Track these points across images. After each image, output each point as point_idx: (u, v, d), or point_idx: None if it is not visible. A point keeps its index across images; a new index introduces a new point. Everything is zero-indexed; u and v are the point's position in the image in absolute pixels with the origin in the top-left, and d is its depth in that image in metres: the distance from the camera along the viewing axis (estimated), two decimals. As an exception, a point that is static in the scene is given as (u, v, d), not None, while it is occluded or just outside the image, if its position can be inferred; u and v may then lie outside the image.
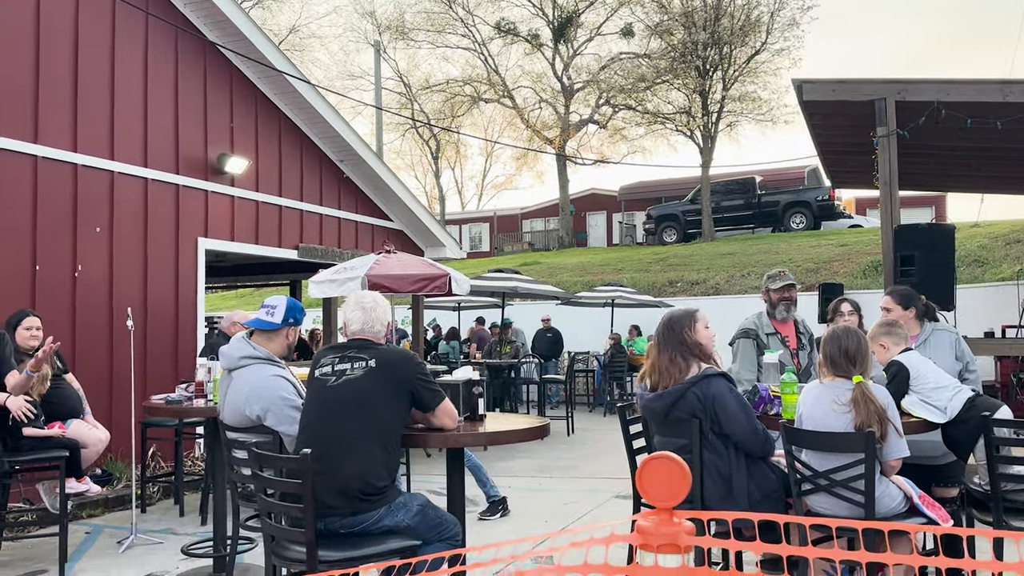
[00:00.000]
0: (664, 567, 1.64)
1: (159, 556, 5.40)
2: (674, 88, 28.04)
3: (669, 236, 25.79)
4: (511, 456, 9.53)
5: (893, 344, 3.99)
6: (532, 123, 31.98)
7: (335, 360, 3.19)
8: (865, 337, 3.38)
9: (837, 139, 8.61)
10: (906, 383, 3.76)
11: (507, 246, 34.92)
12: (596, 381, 15.08)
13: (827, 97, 7.26)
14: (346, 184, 10.91)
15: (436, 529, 3.13)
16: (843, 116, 7.59)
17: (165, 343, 8.10)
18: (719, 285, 17.31)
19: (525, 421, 3.79)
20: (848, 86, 7.12)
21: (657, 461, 1.73)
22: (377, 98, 21.05)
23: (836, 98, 7.24)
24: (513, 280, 12.42)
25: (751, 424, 3.34)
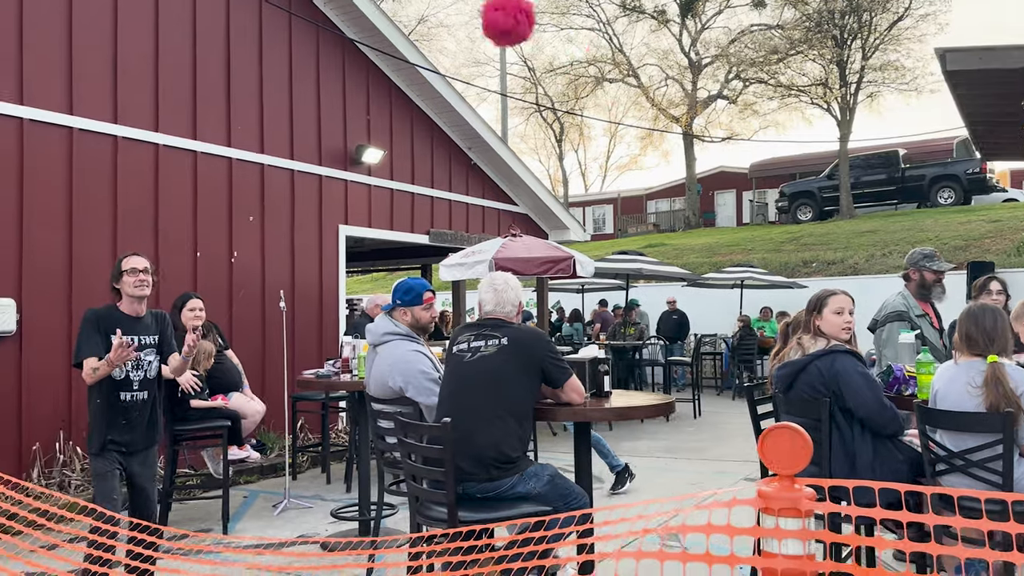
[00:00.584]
0: (785, 528, 1.73)
1: (310, 519, 5.87)
2: (809, 59, 26.85)
3: (804, 214, 24.85)
4: (636, 436, 9.61)
5: None
6: (658, 101, 31.48)
7: (470, 337, 3.42)
8: (1004, 315, 3.27)
9: (985, 109, 8.10)
10: None
11: (631, 228, 34.64)
12: (724, 364, 14.84)
13: (973, 66, 6.86)
14: (473, 170, 11.24)
15: (565, 498, 3.29)
16: (991, 85, 7.15)
17: (310, 323, 8.69)
18: (858, 265, 16.58)
19: (651, 398, 3.89)
20: (996, 53, 6.70)
21: (779, 430, 1.82)
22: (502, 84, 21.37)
23: (983, 66, 6.83)
24: (637, 262, 12.40)
25: (877, 400, 3.31)
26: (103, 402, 3.79)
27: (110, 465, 3.79)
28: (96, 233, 6.72)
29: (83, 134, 6.66)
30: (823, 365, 3.38)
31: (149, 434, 3.93)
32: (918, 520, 1.80)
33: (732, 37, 29.17)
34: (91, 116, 6.72)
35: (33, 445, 6.16)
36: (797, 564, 1.70)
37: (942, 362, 3.62)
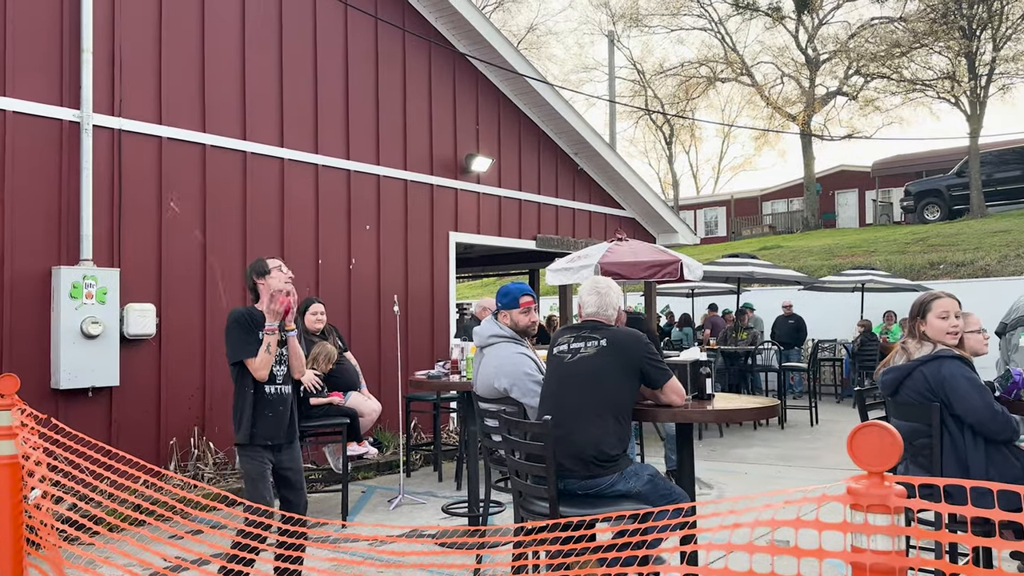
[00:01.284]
0: (874, 524, 1.75)
1: (423, 514, 6.12)
2: (935, 52, 25.50)
3: (931, 214, 23.59)
4: (749, 444, 9.44)
5: None
6: (773, 100, 30.61)
7: (571, 339, 3.53)
8: None
9: None
10: None
11: (745, 230, 33.78)
12: (844, 371, 14.29)
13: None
14: (580, 175, 11.34)
15: (666, 499, 3.34)
16: None
17: (422, 326, 9.01)
18: (989, 266, 15.62)
19: (753, 401, 3.88)
20: None
21: (869, 427, 1.84)
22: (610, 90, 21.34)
23: None
24: (748, 265, 12.15)
25: (987, 406, 3.20)
26: (252, 396, 3.85)
27: (261, 465, 3.83)
28: (227, 243, 7.23)
29: (215, 150, 7.20)
30: (929, 371, 3.29)
31: (291, 428, 3.98)
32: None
33: (852, 32, 28.05)
34: (222, 133, 7.25)
35: (170, 440, 6.69)
36: (886, 560, 1.72)
37: None
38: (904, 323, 13.15)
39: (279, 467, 3.93)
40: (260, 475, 3.82)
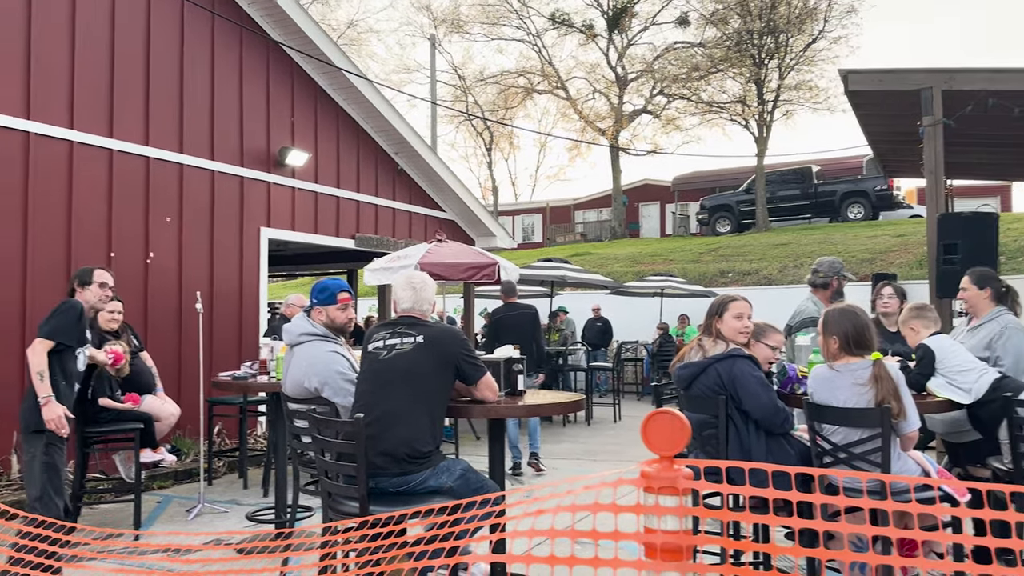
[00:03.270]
0: (664, 505, 1.87)
1: (225, 522, 5.81)
2: (729, 77, 27.81)
3: (723, 226, 25.63)
4: (557, 440, 9.79)
5: (923, 327, 4.13)
6: (585, 114, 32.02)
7: (386, 335, 3.49)
8: (865, 313, 3.51)
9: (885, 129, 8.58)
10: (931, 365, 3.88)
11: (560, 237, 35.07)
12: (645, 370, 15.20)
13: (874, 87, 7.26)
14: (400, 176, 11.27)
15: (478, 492, 3.39)
16: (890, 106, 7.58)
17: (230, 327, 8.56)
18: (771, 276, 17.22)
19: (561, 396, 4.03)
20: (894, 76, 7.12)
21: (660, 415, 1.96)
22: (432, 92, 21.42)
23: (883, 88, 7.24)
24: (561, 269, 12.63)
25: (771, 402, 3.53)
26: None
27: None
28: (4, 226, 6.51)
29: (-9, 128, 6.46)
30: (722, 368, 3.57)
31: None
32: (808, 500, 1.97)
33: (657, 53, 29.96)
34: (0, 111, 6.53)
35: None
36: (675, 539, 1.84)
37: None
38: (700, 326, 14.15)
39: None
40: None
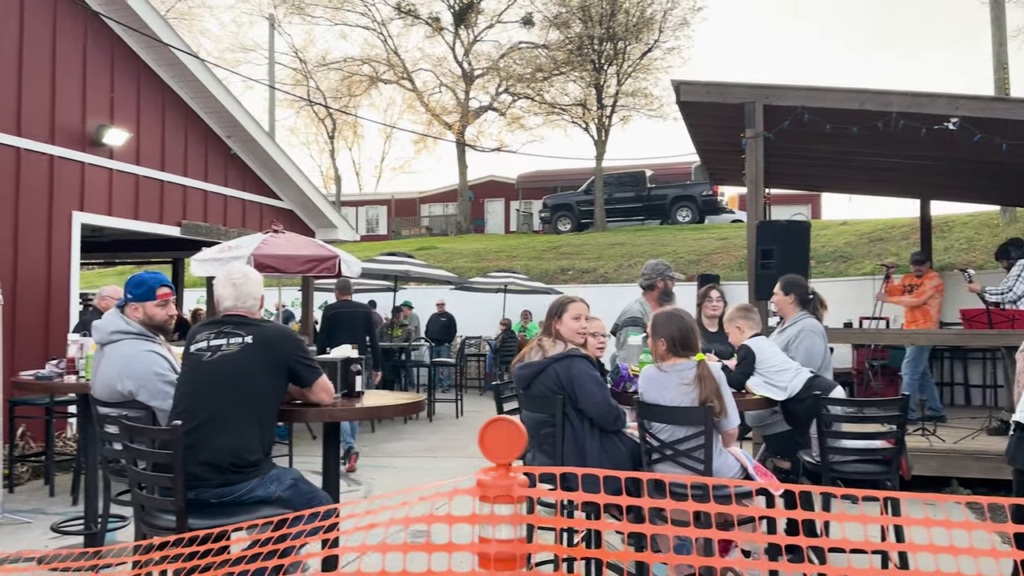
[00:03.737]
0: (499, 514, 1.84)
1: (28, 535, 5.28)
2: (571, 80, 28.59)
3: (564, 225, 26.34)
4: (399, 437, 9.67)
5: (748, 328, 4.40)
6: (432, 107, 31.87)
7: (210, 335, 3.25)
8: (691, 316, 3.70)
9: (712, 138, 9.09)
10: (752, 365, 4.13)
11: (405, 230, 34.76)
12: (488, 365, 15.35)
13: (702, 98, 7.65)
14: (234, 161, 10.70)
15: (310, 503, 3.23)
16: (717, 117, 8.01)
17: (35, 320, 7.79)
18: (608, 274, 17.87)
19: (401, 397, 3.95)
20: (721, 89, 7.54)
21: (497, 422, 1.93)
22: (270, 74, 20.54)
23: (710, 100, 7.64)
24: (405, 264, 12.49)
25: (606, 403, 3.63)
26: None
27: None
28: None
29: None
30: (560, 368, 3.63)
31: None
32: (637, 504, 2.00)
33: (502, 52, 30.30)
34: None
35: None
36: (510, 547, 1.82)
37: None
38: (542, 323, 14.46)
39: None
40: None
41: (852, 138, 7.43)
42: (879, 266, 12.49)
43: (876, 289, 10.93)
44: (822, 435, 3.83)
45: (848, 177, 10.77)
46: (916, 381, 9.07)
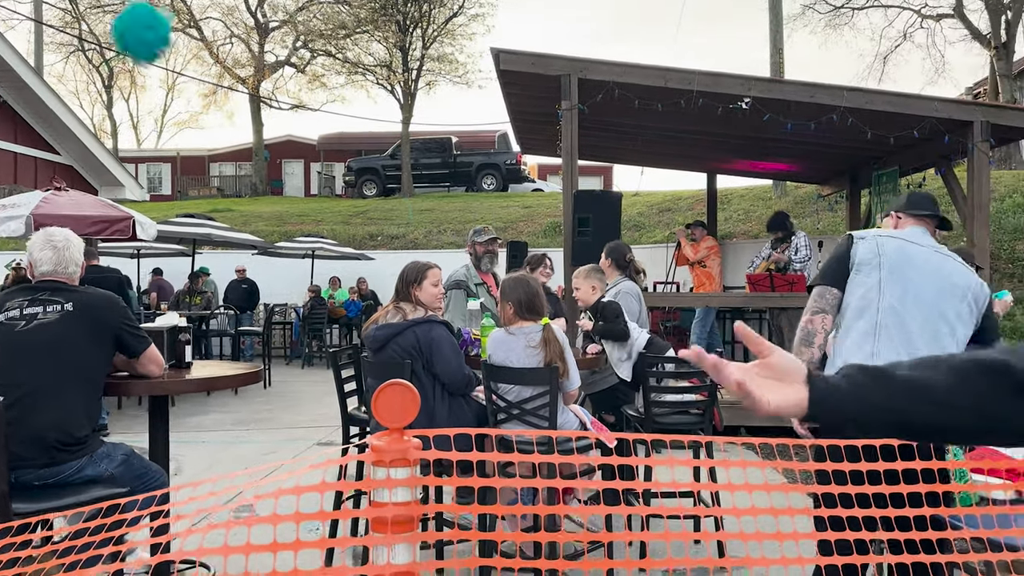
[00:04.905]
0: (395, 478, 1.85)
1: None
2: (375, 40, 27.97)
3: (369, 189, 25.90)
4: (205, 411, 9.17)
5: (601, 287, 4.76)
6: (222, 59, 29.91)
7: (24, 303, 2.92)
8: (537, 282, 3.89)
9: (528, 109, 9.33)
10: (623, 315, 4.44)
11: (192, 190, 32.54)
12: (294, 333, 14.87)
13: (521, 69, 7.82)
14: (3, 108, 9.50)
15: (141, 479, 3.04)
16: (534, 88, 8.24)
17: None
18: (418, 240, 17.87)
19: (236, 367, 3.77)
20: (540, 60, 7.75)
21: (391, 387, 1.92)
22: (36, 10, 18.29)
23: (530, 70, 7.83)
24: (207, 227, 11.73)
25: (461, 368, 3.71)
26: None
27: None
28: None
29: None
30: (421, 331, 3.65)
31: None
32: (484, 458, 2.09)
33: (300, 4, 28.97)
34: None
35: None
36: (407, 510, 1.83)
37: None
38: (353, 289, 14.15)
39: None
40: None
41: (656, 113, 7.94)
42: (671, 234, 13.51)
43: (667, 256, 11.85)
44: (647, 390, 4.13)
45: (646, 150, 11.49)
46: (704, 339, 9.98)
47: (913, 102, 7.63)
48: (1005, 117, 7.62)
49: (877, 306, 2.71)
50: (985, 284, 2.92)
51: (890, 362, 1.18)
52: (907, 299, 2.70)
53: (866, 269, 2.76)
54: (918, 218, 2.96)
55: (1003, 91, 20.22)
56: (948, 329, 2.73)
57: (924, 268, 2.75)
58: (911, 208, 3.01)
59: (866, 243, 2.81)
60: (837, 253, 2.88)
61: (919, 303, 2.70)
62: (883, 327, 2.69)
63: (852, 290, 2.77)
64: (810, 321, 2.76)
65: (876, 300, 2.71)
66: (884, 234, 2.87)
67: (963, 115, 7.50)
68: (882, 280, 2.73)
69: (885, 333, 2.69)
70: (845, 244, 2.86)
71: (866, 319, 2.71)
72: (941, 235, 4.04)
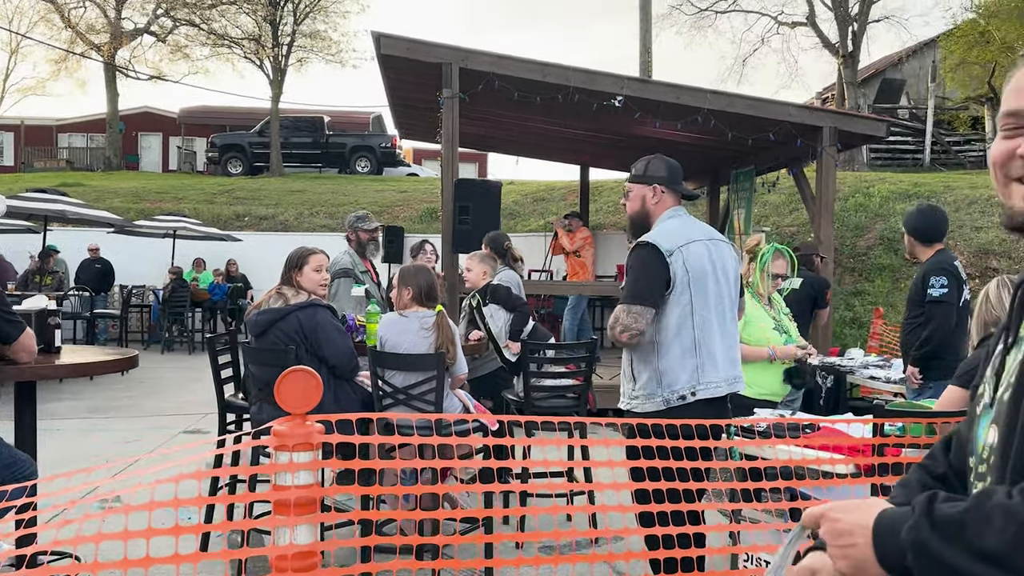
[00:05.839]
0: (298, 462, 1.89)
1: None
2: (244, 12, 26.83)
3: (234, 167, 24.89)
4: (56, 398, 8.64)
5: (492, 272, 4.90)
6: (74, 23, 27.82)
7: None
8: (435, 272, 4.00)
9: (408, 94, 9.31)
10: (510, 295, 4.58)
11: (38, 161, 30.19)
12: (153, 316, 14.16)
13: (402, 54, 7.80)
14: None
15: (9, 469, 2.90)
16: (415, 73, 8.24)
17: None
18: (288, 222, 17.40)
19: (109, 353, 3.63)
20: (421, 47, 7.75)
21: (295, 373, 1.96)
22: None
23: (410, 56, 7.82)
24: (60, 203, 10.98)
25: (349, 350, 3.73)
26: None
27: None
28: None
29: None
30: (304, 316, 3.63)
31: None
32: (366, 441, 2.17)
33: (163, -31, 27.39)
34: None
35: None
36: (309, 492, 1.88)
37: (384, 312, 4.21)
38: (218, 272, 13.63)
39: None
40: None
41: (534, 106, 8.14)
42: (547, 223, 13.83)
43: (544, 245, 12.15)
44: (528, 375, 4.30)
45: (523, 141, 11.72)
46: (576, 326, 10.34)
47: (770, 107, 8.19)
48: (851, 124, 8.33)
49: (692, 323, 2.96)
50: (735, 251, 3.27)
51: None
52: (709, 310, 2.99)
53: (679, 287, 2.95)
54: (678, 195, 3.15)
55: (848, 97, 21.90)
56: (732, 315, 3.14)
57: (713, 270, 3.03)
58: (674, 183, 3.14)
59: (675, 259, 2.94)
60: (652, 269, 2.93)
61: (715, 308, 3.01)
62: (700, 343, 2.97)
63: (669, 309, 2.95)
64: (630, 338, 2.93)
65: (690, 317, 2.96)
66: (682, 242, 2.99)
67: (814, 121, 8.12)
68: (692, 298, 2.96)
69: (703, 348, 2.97)
70: (659, 259, 2.93)
71: (683, 338, 2.96)
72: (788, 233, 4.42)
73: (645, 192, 3.12)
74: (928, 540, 0.95)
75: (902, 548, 0.98)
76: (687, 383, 2.97)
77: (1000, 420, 1.06)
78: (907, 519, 0.99)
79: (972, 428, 1.21)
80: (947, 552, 0.93)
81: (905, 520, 0.99)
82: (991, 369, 1.19)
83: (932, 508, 0.97)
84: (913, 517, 0.98)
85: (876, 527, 1.02)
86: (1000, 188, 1.19)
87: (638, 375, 3.03)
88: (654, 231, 3.08)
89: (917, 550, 0.96)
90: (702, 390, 2.98)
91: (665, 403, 2.97)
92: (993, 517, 0.91)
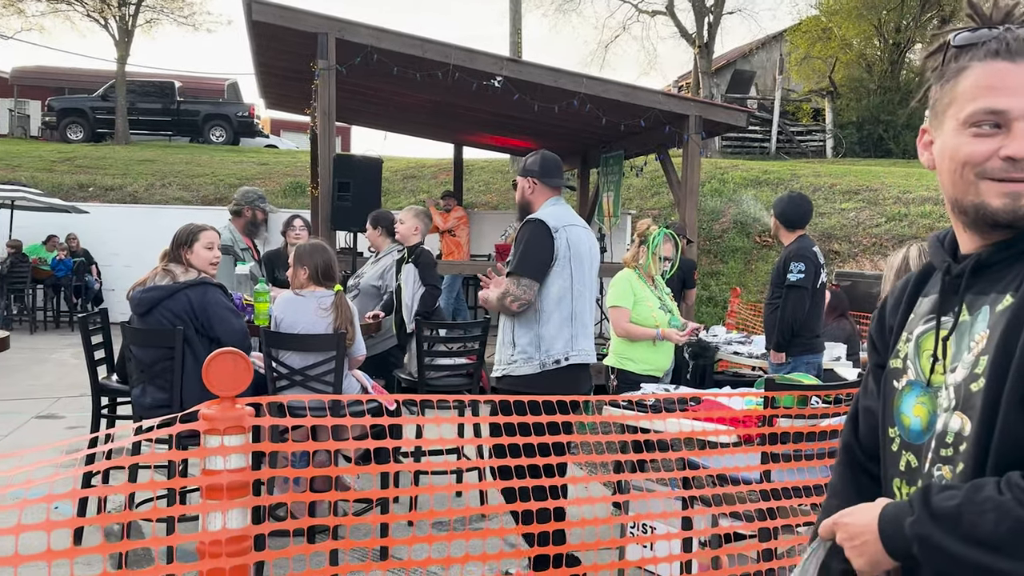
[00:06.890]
0: (229, 445, 1.84)
1: None
2: (85, -35, 24.76)
3: (75, 133, 23.05)
4: None
5: (423, 233, 4.93)
6: None
7: None
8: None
9: (279, 63, 8.95)
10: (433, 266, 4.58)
11: None
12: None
13: (275, 21, 7.47)
14: None
15: None
16: (287, 42, 7.92)
17: None
18: (137, 193, 16.36)
19: (-29, 334, 3.33)
20: (295, 15, 7.45)
21: (223, 355, 1.90)
22: None
23: (283, 24, 7.51)
24: None
25: (242, 329, 3.58)
26: None
27: None
28: None
29: None
30: (194, 295, 3.45)
31: None
32: (259, 423, 2.16)
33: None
34: None
35: None
36: (242, 476, 1.83)
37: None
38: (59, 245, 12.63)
39: None
40: None
41: (413, 82, 8.05)
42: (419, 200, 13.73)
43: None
44: (422, 355, 4.31)
45: (396, 116, 11.55)
46: (451, 304, 10.39)
47: (642, 94, 8.50)
48: (714, 113, 8.79)
49: (571, 296, 3.32)
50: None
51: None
52: (584, 286, 3.38)
53: (562, 262, 3.31)
54: (554, 188, 3.54)
55: (703, 86, 22.98)
56: (594, 295, 3.52)
57: (589, 254, 3.43)
58: (547, 177, 3.51)
59: (559, 236, 3.31)
60: (540, 244, 3.28)
61: (588, 286, 3.41)
62: (576, 315, 3.35)
63: (552, 281, 3.30)
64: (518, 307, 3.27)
65: (570, 291, 3.32)
66: (565, 223, 3.37)
67: (682, 109, 8.51)
68: (573, 272, 3.33)
69: (579, 320, 3.36)
70: (547, 235, 3.29)
71: (563, 308, 3.32)
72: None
73: (524, 184, 3.52)
74: (931, 533, 1.06)
75: (908, 540, 1.09)
76: (562, 349, 3.34)
77: (972, 413, 1.12)
78: (907, 514, 1.10)
79: (889, 402, 1.27)
80: (947, 542, 1.05)
81: (905, 515, 1.11)
82: (912, 346, 1.25)
83: (929, 502, 1.08)
84: (914, 512, 1.09)
85: (880, 525, 1.13)
86: (962, 187, 1.15)
87: (518, 339, 3.35)
88: (540, 212, 3.44)
89: (921, 542, 1.07)
90: (574, 356, 3.37)
91: (541, 366, 3.31)
92: (986, 511, 1.03)
